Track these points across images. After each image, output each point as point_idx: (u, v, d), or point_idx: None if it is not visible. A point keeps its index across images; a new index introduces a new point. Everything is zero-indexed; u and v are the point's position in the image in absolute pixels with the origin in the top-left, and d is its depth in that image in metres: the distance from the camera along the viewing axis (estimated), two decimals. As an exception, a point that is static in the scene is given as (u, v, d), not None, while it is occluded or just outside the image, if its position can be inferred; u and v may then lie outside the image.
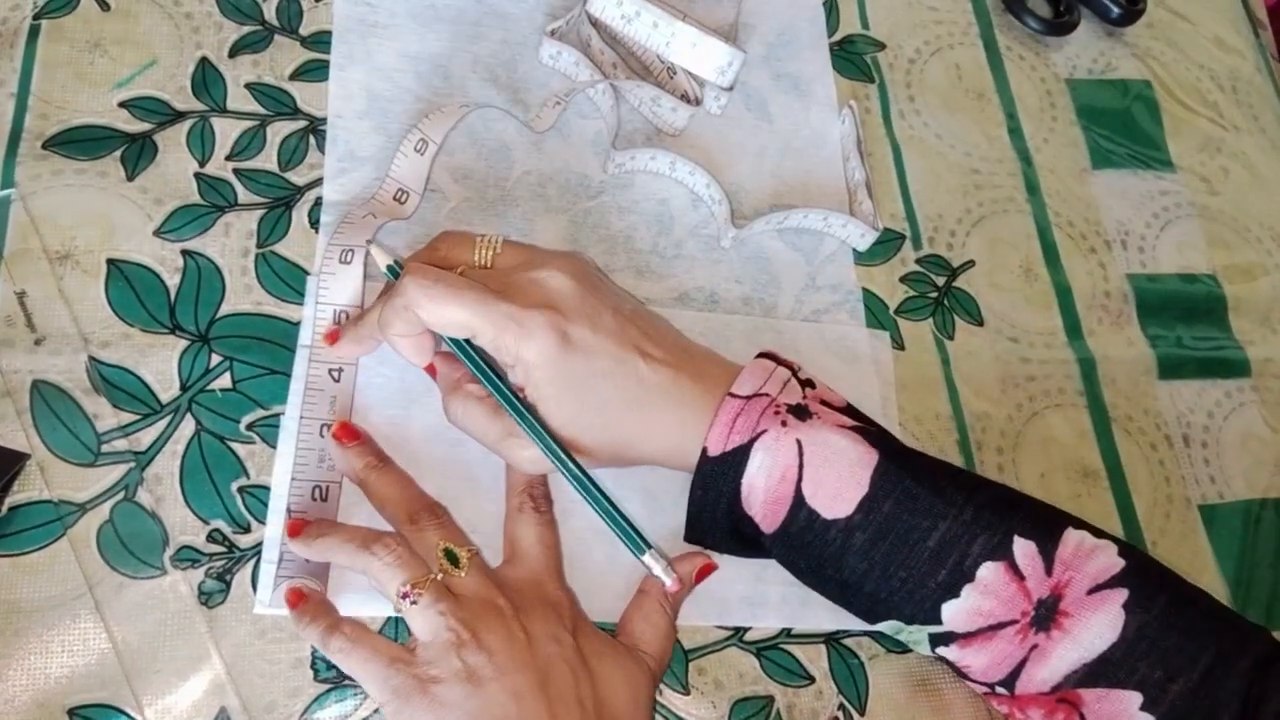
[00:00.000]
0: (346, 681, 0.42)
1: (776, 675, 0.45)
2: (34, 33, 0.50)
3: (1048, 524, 0.41)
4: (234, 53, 0.52)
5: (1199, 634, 0.39)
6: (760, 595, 0.46)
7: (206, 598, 0.42)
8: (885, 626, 0.42)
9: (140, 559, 0.42)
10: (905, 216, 0.57)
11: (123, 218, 0.47)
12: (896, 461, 0.41)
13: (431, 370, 0.45)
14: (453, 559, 0.40)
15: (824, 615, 0.46)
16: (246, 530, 0.43)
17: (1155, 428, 0.55)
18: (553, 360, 0.40)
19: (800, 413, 0.41)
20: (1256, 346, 0.58)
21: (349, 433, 0.44)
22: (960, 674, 0.42)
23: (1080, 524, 0.41)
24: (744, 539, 0.43)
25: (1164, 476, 0.54)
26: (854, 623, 0.46)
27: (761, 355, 0.44)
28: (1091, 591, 0.39)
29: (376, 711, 0.42)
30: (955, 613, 0.40)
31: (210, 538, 0.43)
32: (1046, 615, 0.39)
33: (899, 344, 0.53)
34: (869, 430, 0.42)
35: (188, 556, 0.43)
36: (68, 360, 0.44)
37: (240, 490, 0.44)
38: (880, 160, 0.58)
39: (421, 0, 0.55)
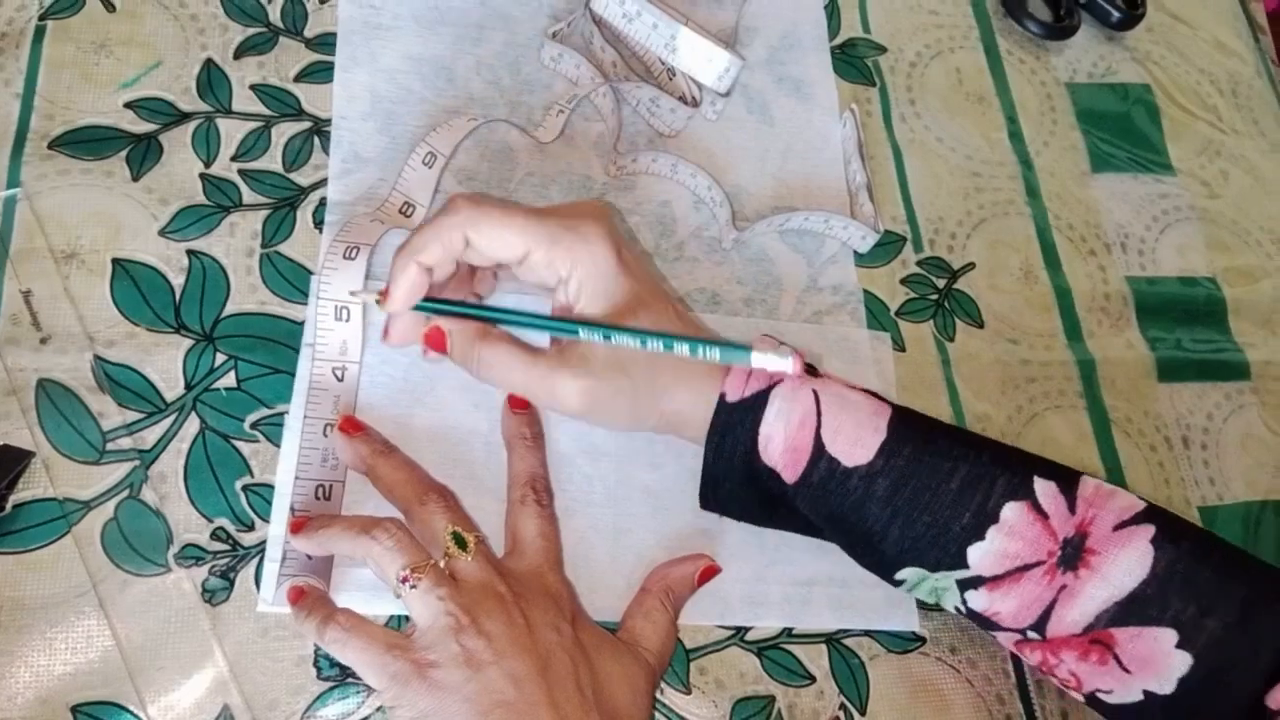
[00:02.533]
0: (349, 680, 0.42)
1: (777, 675, 0.46)
2: (40, 33, 0.50)
3: (1063, 470, 0.41)
4: (239, 54, 0.52)
5: (1233, 571, 0.38)
6: (761, 595, 0.46)
7: (210, 595, 0.42)
8: (908, 575, 0.42)
9: (144, 557, 0.42)
10: (906, 219, 0.57)
11: (128, 217, 0.48)
12: (910, 416, 0.42)
13: (435, 340, 0.43)
14: (460, 543, 0.40)
15: (825, 615, 0.47)
16: (250, 528, 0.44)
17: (1155, 430, 0.55)
18: (607, 269, 0.41)
19: (812, 370, 0.42)
20: (1256, 349, 0.58)
21: (354, 425, 0.44)
22: (989, 625, 0.42)
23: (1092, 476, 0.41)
24: (762, 497, 0.43)
25: (1164, 478, 0.54)
26: (855, 622, 0.47)
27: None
28: (1117, 528, 0.39)
29: (379, 710, 0.42)
30: (981, 556, 0.40)
31: (214, 536, 0.43)
32: (1073, 554, 0.39)
33: (900, 345, 0.53)
34: (872, 393, 0.43)
35: (192, 554, 0.43)
36: (73, 359, 0.45)
37: (244, 488, 0.44)
38: (881, 163, 0.58)
39: (425, 2, 0.56)
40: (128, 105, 0.50)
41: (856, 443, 0.40)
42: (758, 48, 0.59)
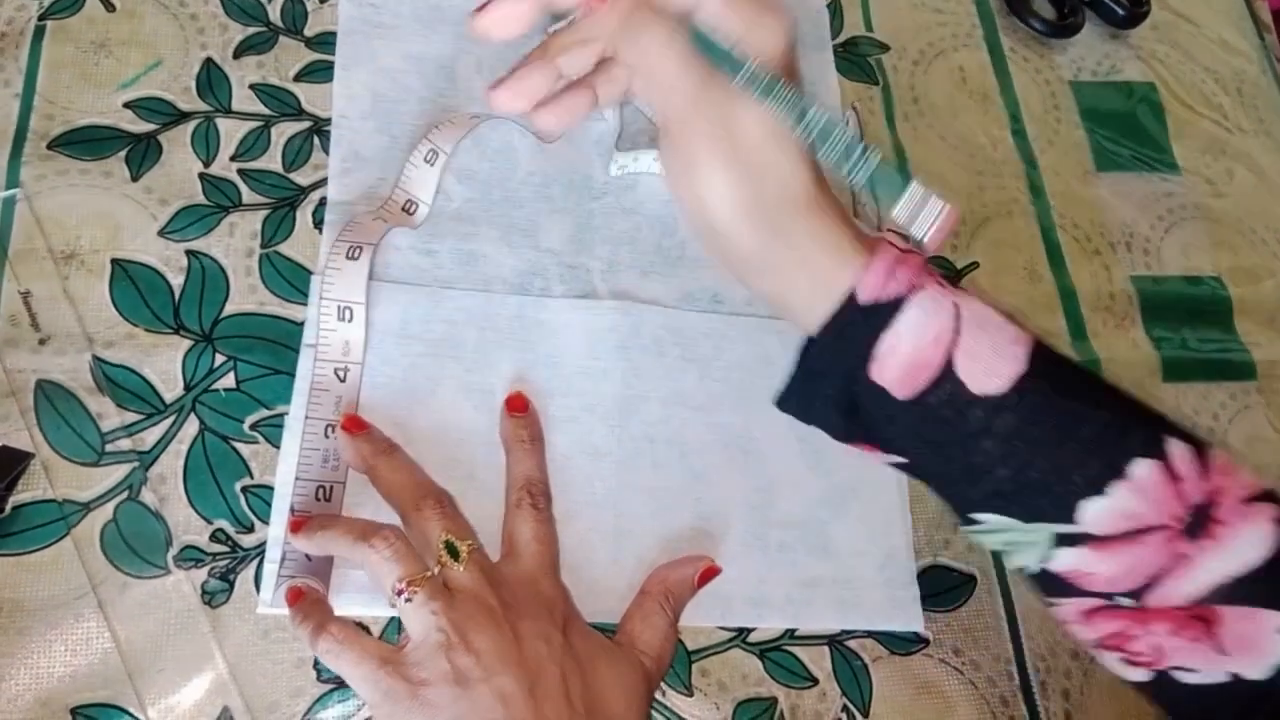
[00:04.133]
0: (349, 682, 0.42)
1: (780, 677, 0.45)
2: (39, 33, 0.50)
3: (1196, 435, 0.37)
4: (239, 54, 0.52)
5: None
6: (764, 596, 0.46)
7: (210, 597, 0.42)
8: (990, 521, 0.38)
9: (144, 558, 0.42)
10: (909, 218, 0.57)
11: (127, 218, 0.47)
12: (1050, 348, 0.37)
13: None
14: (453, 552, 0.40)
15: (828, 616, 0.46)
16: (250, 530, 0.43)
17: (1160, 430, 0.54)
18: (784, 54, 0.36)
19: (953, 281, 0.38)
20: (1262, 349, 0.58)
21: (357, 423, 0.44)
22: (1063, 589, 0.38)
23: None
24: (852, 408, 0.38)
25: (1169, 479, 0.53)
26: (858, 623, 0.46)
27: None
28: (1246, 501, 0.36)
29: (379, 712, 0.42)
30: (1098, 513, 0.36)
31: (214, 537, 0.43)
32: (1199, 522, 0.36)
33: (903, 345, 0.53)
34: (1015, 314, 0.38)
35: (191, 556, 0.43)
36: (72, 360, 0.44)
37: (244, 490, 0.44)
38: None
39: (426, 1, 0.55)
40: (127, 105, 0.50)
41: (991, 370, 0.36)
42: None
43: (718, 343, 0.51)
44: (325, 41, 0.53)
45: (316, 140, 0.51)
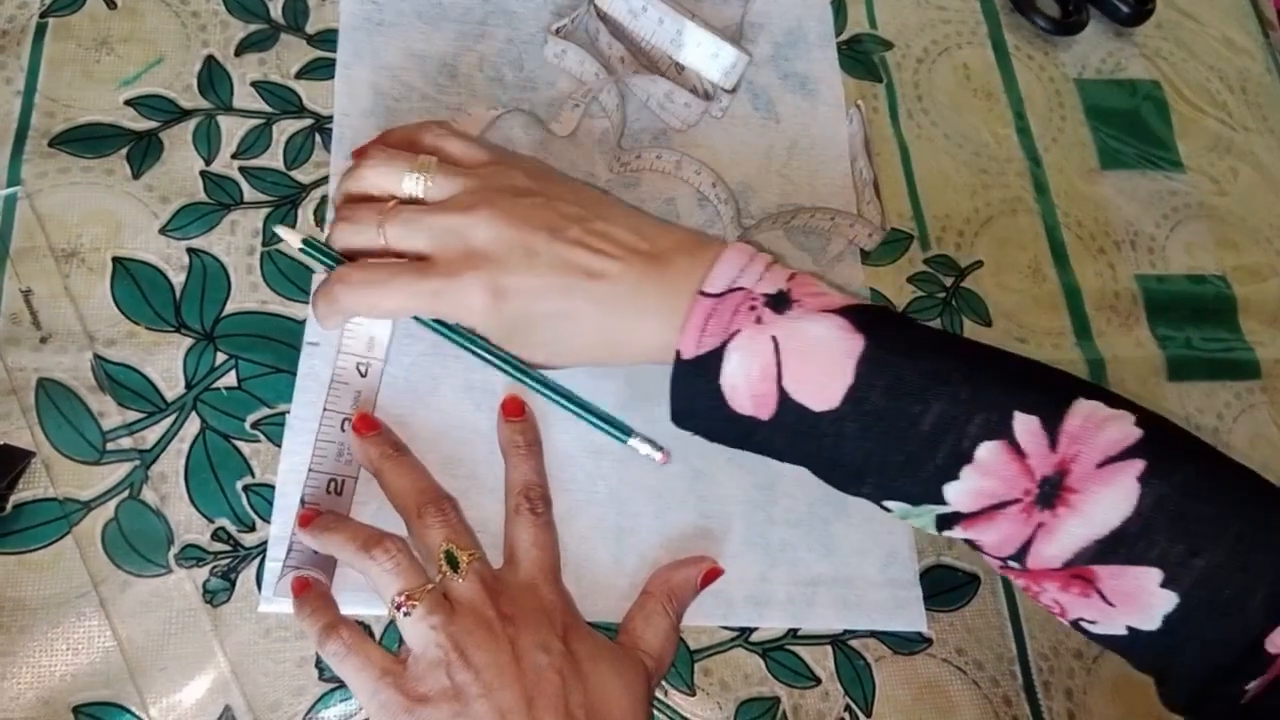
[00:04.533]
0: (351, 681, 0.42)
1: (782, 676, 0.45)
2: (40, 31, 0.50)
3: (1054, 395, 0.39)
4: (240, 51, 0.52)
5: (1229, 503, 0.37)
6: (766, 595, 0.46)
7: (211, 596, 0.42)
8: (894, 508, 0.41)
9: (145, 557, 0.42)
10: (913, 216, 0.57)
11: (128, 216, 0.47)
12: (887, 346, 0.39)
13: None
14: (453, 562, 0.40)
15: (830, 616, 0.46)
16: (251, 529, 0.43)
17: (1164, 429, 0.54)
18: (493, 316, 0.41)
19: (779, 302, 0.40)
20: (1266, 348, 0.57)
21: (368, 424, 0.44)
22: (977, 549, 0.41)
23: (1094, 391, 0.39)
24: (738, 432, 0.41)
25: (1173, 478, 0.53)
26: (860, 623, 0.46)
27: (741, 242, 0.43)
28: (1101, 465, 0.37)
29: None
30: (957, 494, 0.38)
31: (215, 536, 0.43)
32: (1051, 492, 0.37)
33: (906, 344, 0.53)
34: (860, 310, 0.40)
35: (192, 555, 0.42)
36: (73, 358, 0.44)
37: (245, 489, 0.44)
38: (888, 160, 0.58)
39: (428, -1, 0.55)
40: (128, 103, 0.50)
41: (822, 389, 0.38)
42: (763, 44, 0.59)
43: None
44: (327, 39, 0.53)
45: (318, 138, 0.51)
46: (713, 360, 0.39)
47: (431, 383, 0.47)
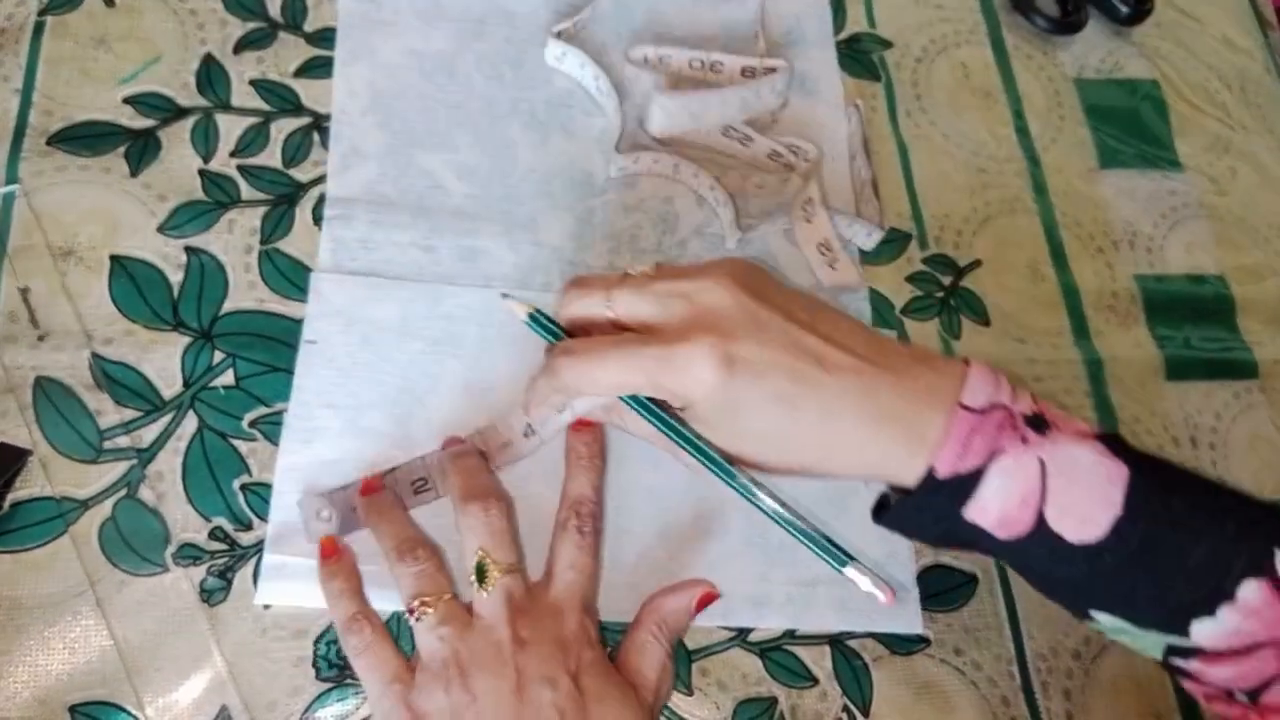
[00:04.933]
0: (348, 681, 0.42)
1: (780, 676, 0.45)
2: (39, 29, 0.50)
3: None
4: (238, 49, 0.52)
5: None
6: (764, 595, 0.46)
7: (208, 595, 0.42)
8: (1105, 621, 0.38)
9: (142, 556, 0.42)
10: (911, 216, 0.57)
11: (126, 214, 0.47)
12: (1150, 476, 0.36)
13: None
14: (481, 574, 0.40)
15: (829, 616, 0.46)
16: (248, 528, 0.43)
17: (1163, 429, 0.54)
18: (717, 390, 0.36)
19: (1038, 424, 0.36)
20: (1265, 348, 0.57)
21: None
22: (1187, 678, 0.38)
23: None
24: (962, 540, 0.38)
25: (1171, 478, 0.53)
26: (858, 623, 0.46)
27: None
28: None
29: (378, 711, 0.42)
30: (1208, 633, 0.36)
31: (212, 535, 0.43)
32: None
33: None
34: (1113, 437, 0.37)
35: (189, 554, 0.42)
36: (70, 356, 0.44)
37: (242, 488, 0.44)
38: (886, 159, 0.58)
39: (426, -3, 0.55)
40: (126, 101, 0.50)
41: (1085, 520, 0.35)
42: (761, 43, 0.59)
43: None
44: (325, 37, 0.53)
45: (316, 136, 0.51)
46: (969, 481, 0.36)
47: (429, 381, 0.47)
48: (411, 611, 0.39)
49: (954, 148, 0.59)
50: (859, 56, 0.60)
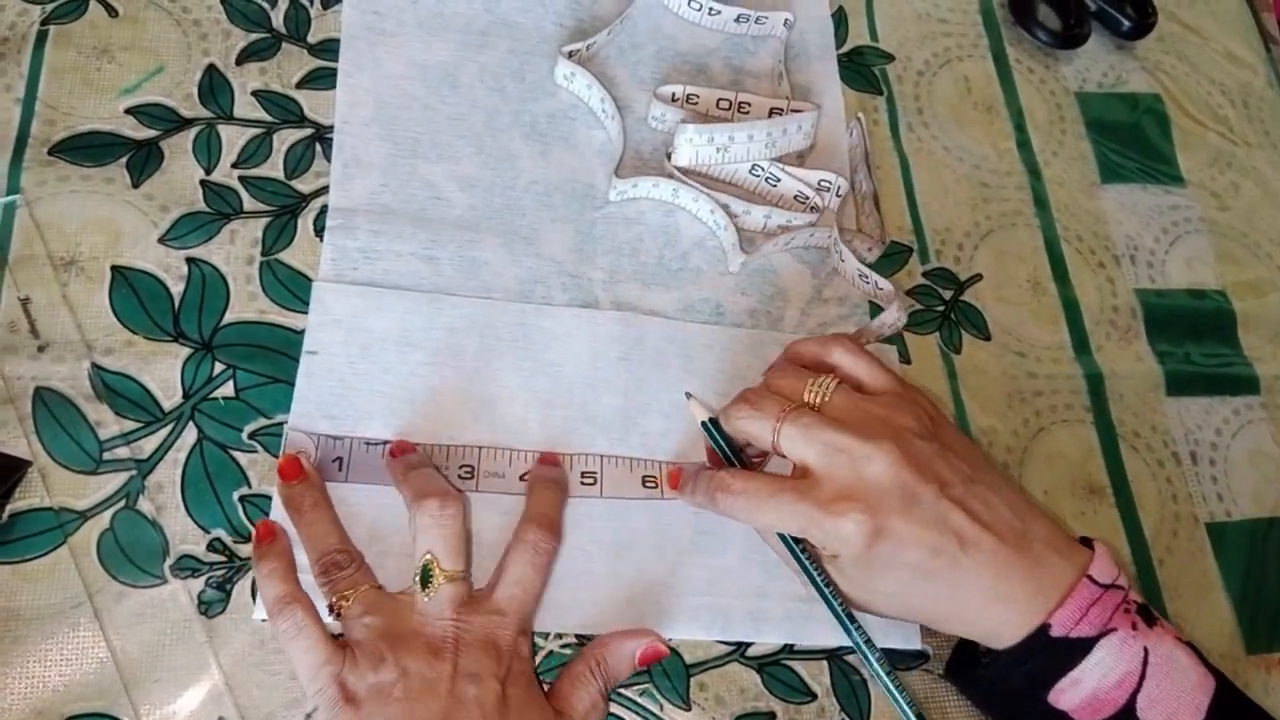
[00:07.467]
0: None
1: (778, 691, 0.45)
2: (41, 39, 0.50)
3: None
4: (241, 60, 0.52)
5: None
6: (763, 610, 0.46)
7: (206, 607, 0.42)
8: None
9: (140, 568, 0.42)
10: (912, 229, 0.57)
11: (128, 225, 0.47)
12: (1232, 693, 0.40)
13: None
14: (425, 578, 0.41)
15: (827, 632, 0.46)
16: (247, 539, 0.43)
17: (1163, 444, 0.54)
18: (861, 555, 0.40)
19: (1148, 616, 0.40)
20: (1265, 363, 0.57)
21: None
22: None
23: None
24: (1036, 715, 0.40)
25: (1171, 494, 0.53)
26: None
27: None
28: None
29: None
30: None
31: (211, 547, 0.43)
32: None
33: (905, 358, 0.53)
34: (1201, 652, 0.40)
35: (188, 565, 0.42)
36: (70, 367, 0.44)
37: (242, 499, 0.44)
38: (888, 173, 0.58)
39: (430, 9, 0.55)
40: (129, 111, 0.50)
41: (1171, 717, 0.38)
42: (763, 56, 0.59)
43: (720, 355, 0.50)
44: (328, 48, 0.53)
45: (318, 147, 0.51)
46: (1078, 647, 0.38)
47: (429, 392, 0.47)
48: (331, 609, 0.41)
49: (955, 161, 0.59)
50: (861, 70, 0.60)
